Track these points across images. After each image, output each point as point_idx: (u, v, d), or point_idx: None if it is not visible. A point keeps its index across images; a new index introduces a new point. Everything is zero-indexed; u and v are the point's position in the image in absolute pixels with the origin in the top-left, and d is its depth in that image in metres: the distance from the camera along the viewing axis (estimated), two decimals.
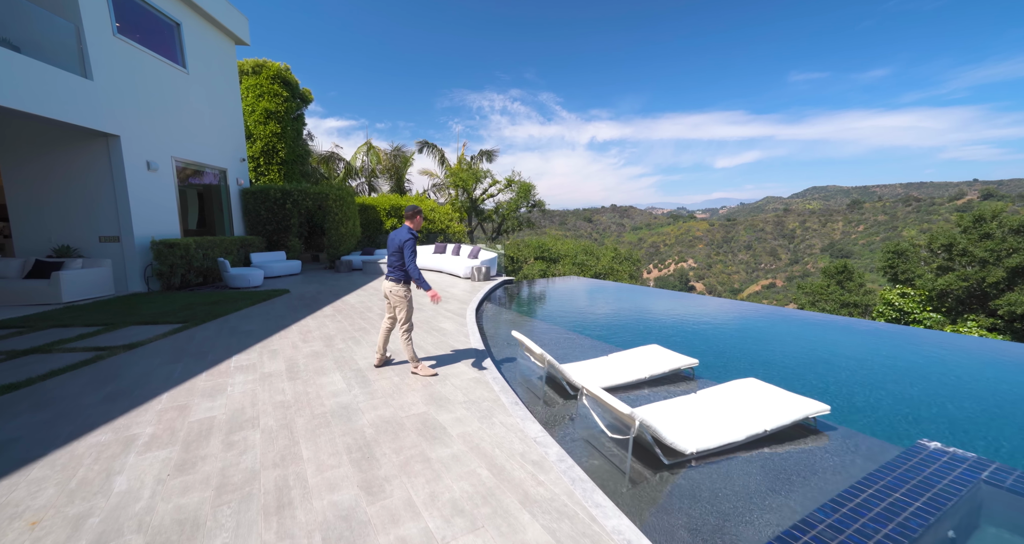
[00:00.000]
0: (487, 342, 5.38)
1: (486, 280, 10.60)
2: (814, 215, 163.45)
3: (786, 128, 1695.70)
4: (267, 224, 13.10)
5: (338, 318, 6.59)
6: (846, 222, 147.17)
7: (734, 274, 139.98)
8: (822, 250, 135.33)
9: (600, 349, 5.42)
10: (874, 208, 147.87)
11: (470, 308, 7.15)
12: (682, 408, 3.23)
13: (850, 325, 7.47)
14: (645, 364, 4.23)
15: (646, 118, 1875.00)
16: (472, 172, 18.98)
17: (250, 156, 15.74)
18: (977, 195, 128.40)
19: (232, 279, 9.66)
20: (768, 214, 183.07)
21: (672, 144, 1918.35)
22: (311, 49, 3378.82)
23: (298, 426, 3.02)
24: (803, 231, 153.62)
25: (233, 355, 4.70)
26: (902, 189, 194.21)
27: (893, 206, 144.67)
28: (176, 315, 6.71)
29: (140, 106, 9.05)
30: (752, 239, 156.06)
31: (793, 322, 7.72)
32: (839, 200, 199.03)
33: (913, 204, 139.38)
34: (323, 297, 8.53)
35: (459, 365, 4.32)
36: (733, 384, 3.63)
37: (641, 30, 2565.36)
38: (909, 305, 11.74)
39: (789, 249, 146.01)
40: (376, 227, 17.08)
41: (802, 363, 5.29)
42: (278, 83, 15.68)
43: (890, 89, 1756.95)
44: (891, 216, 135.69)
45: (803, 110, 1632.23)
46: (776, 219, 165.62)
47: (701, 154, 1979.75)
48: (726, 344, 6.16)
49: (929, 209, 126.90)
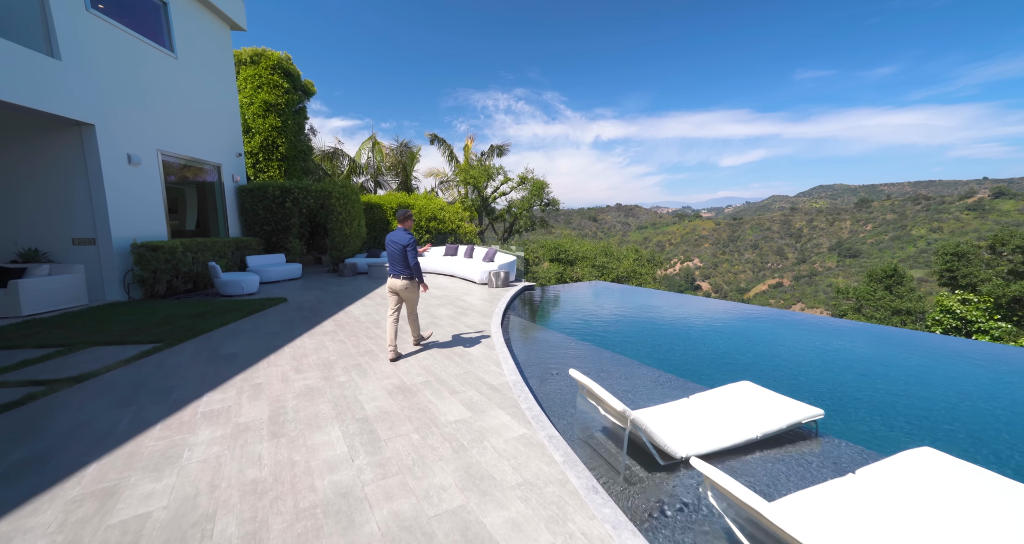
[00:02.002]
0: (524, 374, 4.32)
1: (505, 286, 9.54)
2: (821, 214, 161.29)
3: (792, 126, 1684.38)
4: (265, 224, 12.12)
5: (340, 336, 5.56)
6: (854, 221, 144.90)
7: (740, 273, 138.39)
8: (830, 249, 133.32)
9: (666, 383, 4.34)
10: (882, 207, 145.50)
11: (494, 324, 6.10)
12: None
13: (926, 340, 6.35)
14: (748, 414, 3.15)
15: (651, 117, 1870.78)
16: (484, 169, 17.90)
17: (248, 151, 14.79)
18: (988, 193, 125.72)
19: (224, 286, 8.67)
20: (775, 213, 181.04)
21: (677, 143, 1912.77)
22: (315, 48, 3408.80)
23: (272, 535, 1.98)
24: (810, 230, 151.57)
25: (205, 393, 3.68)
26: (910, 187, 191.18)
27: (902, 205, 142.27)
28: (150, 332, 5.71)
29: (120, 92, 8.07)
30: (758, 238, 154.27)
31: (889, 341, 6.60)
32: (846, 199, 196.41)
33: (923, 203, 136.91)
34: (324, 307, 7.52)
35: (498, 413, 3.26)
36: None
37: (645, 28, 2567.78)
38: (972, 313, 10.52)
39: (796, 248, 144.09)
40: (382, 227, 16.07)
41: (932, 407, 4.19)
42: (278, 74, 14.70)
43: (898, 87, 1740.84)
44: (900, 215, 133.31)
45: (809, 108, 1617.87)
46: (783, 218, 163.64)
47: (706, 153, 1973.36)
48: (840, 376, 5.06)
49: (939, 208, 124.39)
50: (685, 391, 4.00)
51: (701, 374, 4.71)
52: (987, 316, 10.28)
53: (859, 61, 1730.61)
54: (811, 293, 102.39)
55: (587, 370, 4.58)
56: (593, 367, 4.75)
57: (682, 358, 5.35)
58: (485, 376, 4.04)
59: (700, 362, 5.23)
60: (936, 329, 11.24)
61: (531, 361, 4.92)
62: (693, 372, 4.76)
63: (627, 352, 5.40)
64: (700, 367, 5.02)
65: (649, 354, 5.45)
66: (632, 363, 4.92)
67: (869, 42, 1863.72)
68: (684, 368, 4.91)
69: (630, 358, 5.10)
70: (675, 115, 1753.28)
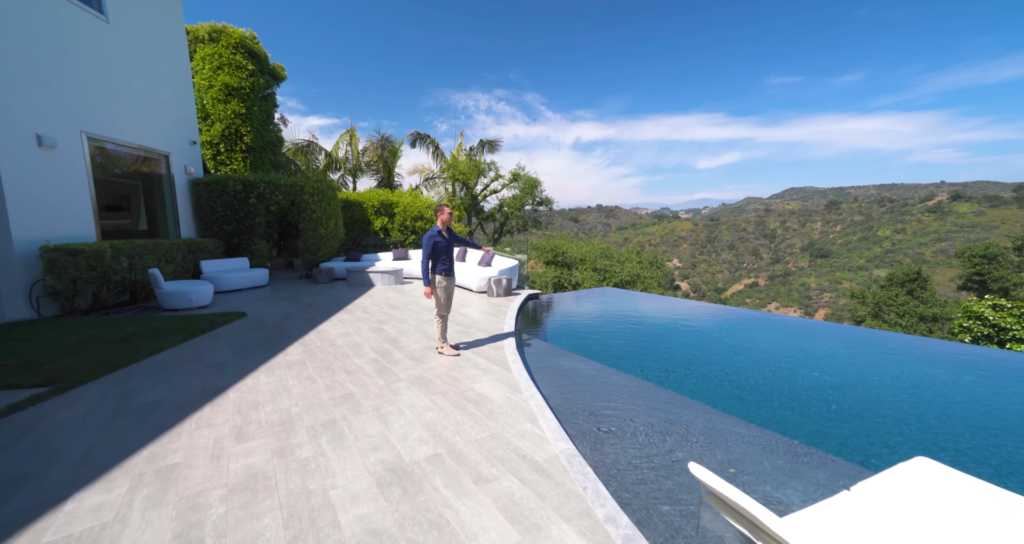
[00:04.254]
0: (570, 432, 3.08)
1: (507, 295, 8.29)
2: (794, 215, 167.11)
3: (765, 130, 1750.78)
4: (225, 223, 10.49)
5: (308, 370, 4.19)
6: (824, 222, 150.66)
7: (718, 273, 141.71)
8: (802, 249, 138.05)
9: (775, 448, 3.16)
10: (850, 209, 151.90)
11: (509, 351, 4.84)
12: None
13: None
14: (956, 519, 2.00)
15: (630, 119, 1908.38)
16: (475, 164, 16.57)
17: (207, 141, 13.04)
18: (946, 196, 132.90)
19: (167, 298, 7.09)
20: (749, 214, 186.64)
21: (655, 145, 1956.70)
22: (291, 42, 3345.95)
23: None
24: (783, 231, 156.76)
25: (76, 490, 2.29)
26: (875, 190, 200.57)
27: (868, 207, 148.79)
28: (42, 368, 4.19)
29: (21, 55, 6.42)
30: (735, 239, 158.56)
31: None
32: (816, 201, 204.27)
33: (887, 205, 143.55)
34: (292, 325, 6.09)
35: (562, 528, 2.01)
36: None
37: (624, 31, 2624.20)
38: (1007, 320, 9.90)
39: (770, 249, 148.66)
40: (363, 227, 14.54)
41: None
42: (241, 53, 13.01)
43: (862, 94, 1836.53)
44: (867, 216, 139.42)
45: (780, 113, 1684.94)
46: (757, 219, 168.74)
47: (683, 155, 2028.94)
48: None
49: (902, 210, 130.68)
50: (816, 467, 2.82)
51: (815, 431, 3.44)
52: (1022, 324, 9.71)
53: (826, 68, 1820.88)
54: (785, 292, 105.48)
55: (651, 421, 3.38)
56: (655, 416, 3.53)
57: (780, 403, 4.16)
58: (520, 443, 2.78)
59: (811, 413, 3.78)
60: (964, 337, 10.66)
61: (570, 407, 3.67)
62: (799, 427, 3.59)
63: (692, 391, 4.19)
64: (814, 422, 3.71)
65: (721, 393, 4.21)
66: (709, 411, 3.66)
67: (836, 50, 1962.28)
68: (787, 422, 3.69)
69: (702, 402, 3.87)
70: (653, 117, 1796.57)
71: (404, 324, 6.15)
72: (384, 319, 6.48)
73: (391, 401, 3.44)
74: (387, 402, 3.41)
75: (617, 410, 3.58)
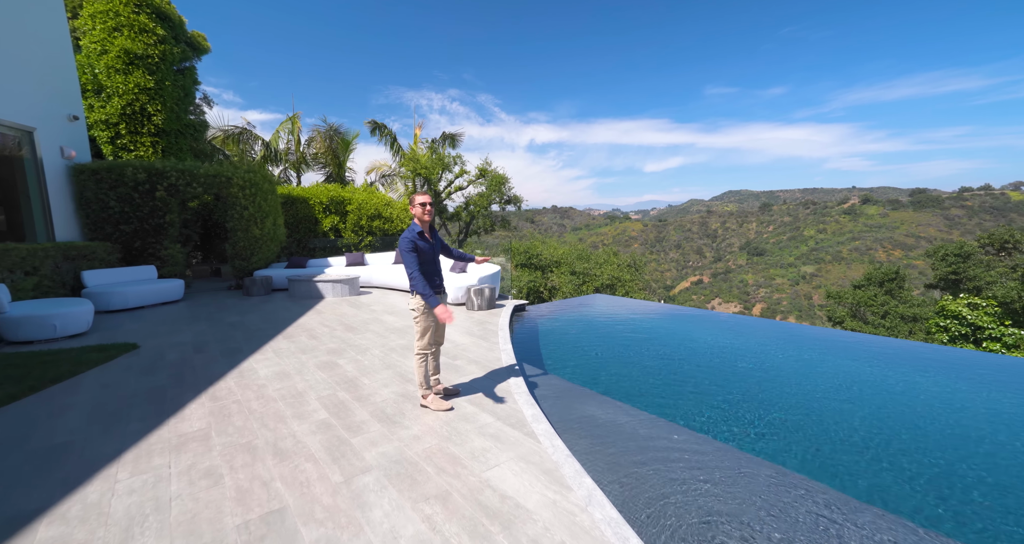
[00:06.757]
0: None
1: (490, 309, 6.92)
2: (732, 216, 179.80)
3: (705, 136, 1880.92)
4: (123, 222, 8.25)
5: (212, 453, 2.59)
6: (759, 223, 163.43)
7: (667, 272, 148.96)
8: (740, 248, 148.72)
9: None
10: (780, 210, 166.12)
11: (523, 401, 3.51)
12: None
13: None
14: None
15: (581, 122, 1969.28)
16: (439, 158, 14.94)
17: (101, 120, 10.46)
18: (858, 200, 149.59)
19: (13, 325, 5.00)
20: (693, 215, 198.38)
21: (606, 148, 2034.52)
22: (228, 27, 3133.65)
23: None
24: (724, 231, 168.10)
25: None
26: (800, 194, 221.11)
27: (795, 209, 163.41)
28: None
29: None
30: (681, 239, 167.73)
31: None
32: (751, 203, 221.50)
33: (811, 207, 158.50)
34: (202, 361, 4.34)
35: None
36: None
37: (573, 36, 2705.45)
38: (982, 318, 10.09)
39: (713, 248, 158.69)
40: (309, 227, 12.50)
41: None
42: (146, 13, 10.55)
43: (787, 106, 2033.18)
44: (794, 218, 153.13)
45: (718, 121, 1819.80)
46: (701, 220, 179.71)
47: (632, 158, 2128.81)
48: None
49: (823, 212, 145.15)
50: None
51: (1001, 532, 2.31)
52: (997, 322, 9.94)
53: (756, 81, 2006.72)
54: (727, 289, 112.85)
55: (795, 527, 2.20)
56: (794, 513, 2.36)
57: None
58: None
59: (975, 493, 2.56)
60: (941, 336, 10.84)
61: (642, 505, 2.38)
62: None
63: (803, 459, 2.89)
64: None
65: (836, 459, 2.90)
66: (867, 509, 2.44)
67: (764, 65, 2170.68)
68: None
69: (812, 478, 2.60)
70: (603, 121, 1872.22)
71: (365, 355, 4.62)
72: (338, 347, 4.89)
73: (354, 527, 1.99)
74: (346, 530, 1.96)
75: (728, 513, 2.33)
